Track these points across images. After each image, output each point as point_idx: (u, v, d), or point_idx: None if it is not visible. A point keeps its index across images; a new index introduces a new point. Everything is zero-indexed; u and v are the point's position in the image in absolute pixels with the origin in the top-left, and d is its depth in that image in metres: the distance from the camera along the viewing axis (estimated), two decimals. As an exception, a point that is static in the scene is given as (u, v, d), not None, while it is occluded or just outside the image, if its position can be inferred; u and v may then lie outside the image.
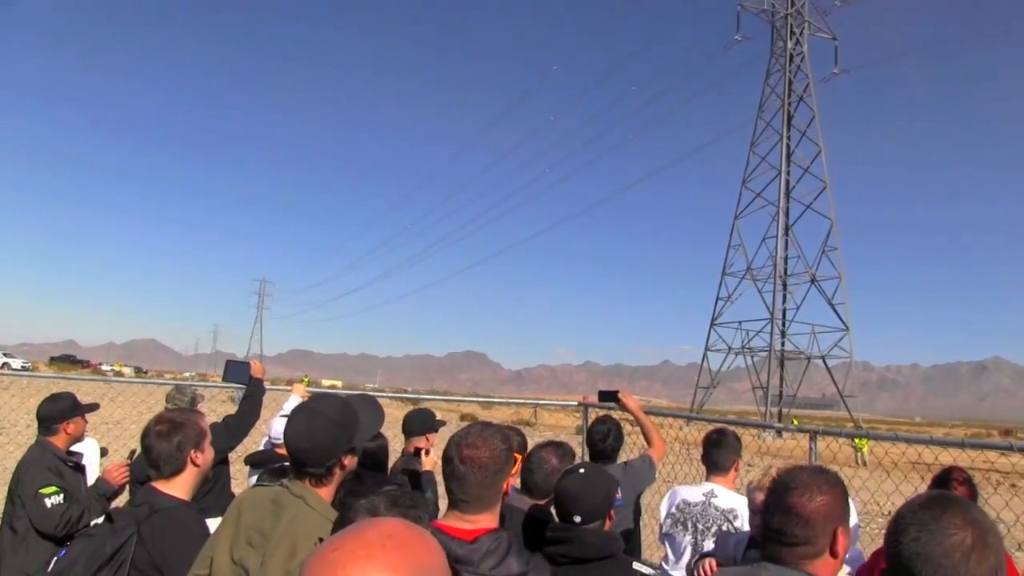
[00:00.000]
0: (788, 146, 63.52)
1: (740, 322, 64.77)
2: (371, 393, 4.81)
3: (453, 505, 2.60)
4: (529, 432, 37.32)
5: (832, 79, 67.15)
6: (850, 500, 2.35)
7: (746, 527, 3.84)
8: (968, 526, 1.75)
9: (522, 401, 31.22)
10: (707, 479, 4.37)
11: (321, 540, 1.86)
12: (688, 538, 4.18)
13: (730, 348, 64.43)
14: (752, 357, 64.19)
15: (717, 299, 66.33)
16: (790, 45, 65.31)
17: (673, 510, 4.34)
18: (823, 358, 62.88)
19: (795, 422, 54.61)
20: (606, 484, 3.08)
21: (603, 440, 4.87)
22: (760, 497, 3.03)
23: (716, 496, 4.22)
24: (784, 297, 63.06)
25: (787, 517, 2.11)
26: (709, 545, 4.04)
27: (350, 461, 2.78)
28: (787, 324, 63.21)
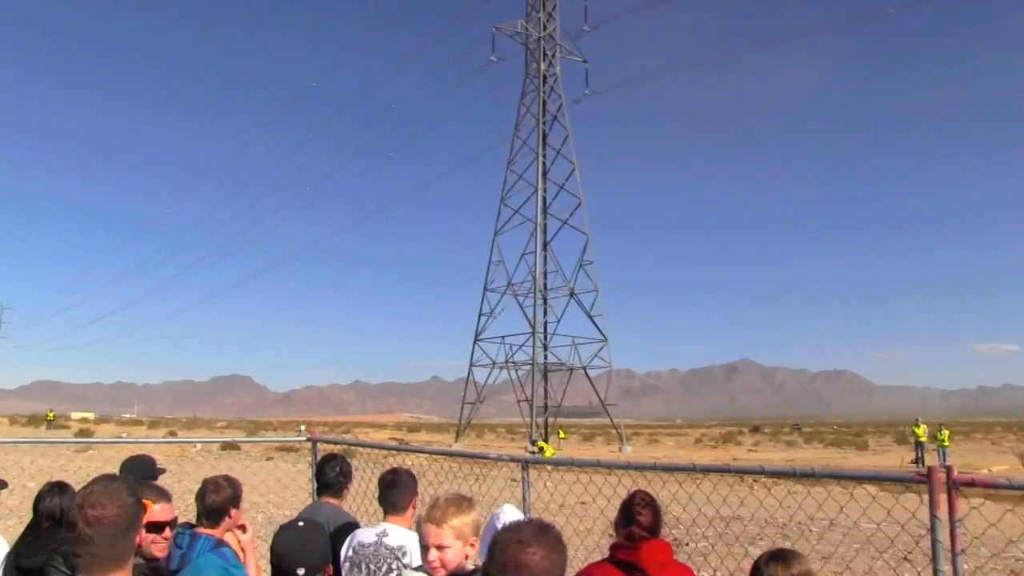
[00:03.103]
0: (544, 164, 65.45)
1: (503, 337, 65.80)
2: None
3: (81, 570, 2.38)
4: (296, 458, 35.30)
5: (584, 100, 70.45)
6: None
7: (416, 562, 3.75)
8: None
9: (253, 440, 28.63)
10: (384, 519, 4.28)
11: None
12: None
13: (494, 363, 65.01)
14: (516, 370, 65.19)
15: (480, 315, 66.91)
16: (543, 67, 67.58)
17: (350, 553, 4.19)
18: (584, 368, 65.10)
19: (561, 433, 55.91)
20: (323, 536, 3.28)
21: (332, 473, 5.03)
22: (431, 530, 2.92)
23: (387, 535, 4.13)
24: (545, 311, 64.80)
25: (518, 573, 2.14)
26: None
27: None
28: (549, 337, 65.00)
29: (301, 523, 3.22)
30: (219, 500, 4.12)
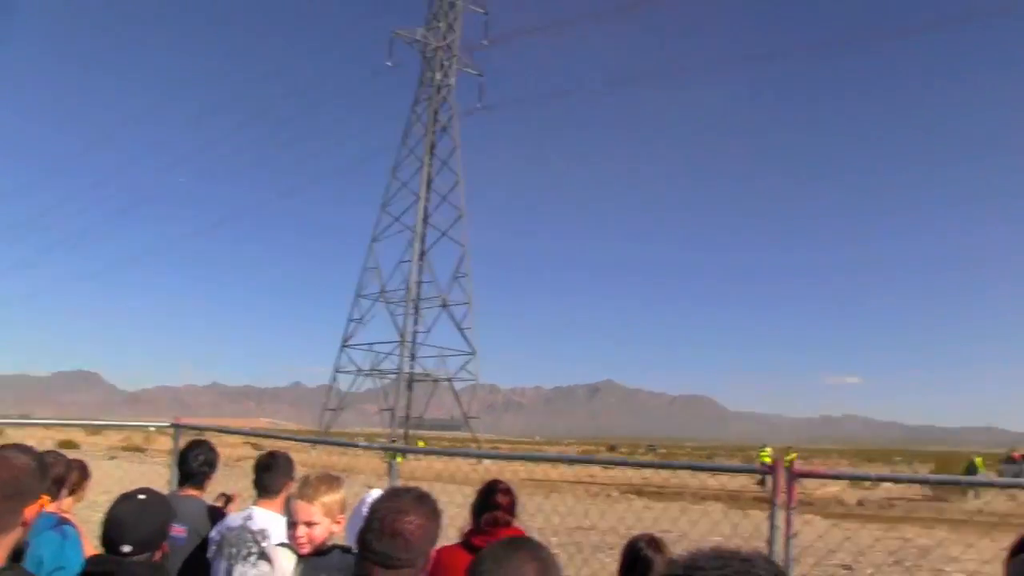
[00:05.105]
0: (429, 174, 65.37)
1: (371, 344, 65.07)
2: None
3: None
4: (142, 458, 33.33)
5: (476, 112, 70.87)
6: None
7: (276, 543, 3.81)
8: (535, 561, 1.98)
9: (107, 423, 26.93)
10: (255, 503, 4.26)
11: None
12: (224, 563, 4.06)
13: (360, 370, 64.16)
14: (382, 379, 64.55)
15: (349, 320, 65.86)
16: (439, 77, 67.55)
17: (216, 536, 4.20)
18: (450, 380, 65.19)
19: (420, 444, 55.59)
20: (163, 513, 3.00)
21: (195, 462, 4.87)
22: (301, 506, 3.00)
23: (252, 519, 4.11)
24: (416, 320, 64.54)
25: (395, 541, 2.21)
26: (242, 568, 3.97)
27: None
28: (417, 347, 64.64)
29: (142, 496, 2.93)
30: (59, 472, 4.19)
